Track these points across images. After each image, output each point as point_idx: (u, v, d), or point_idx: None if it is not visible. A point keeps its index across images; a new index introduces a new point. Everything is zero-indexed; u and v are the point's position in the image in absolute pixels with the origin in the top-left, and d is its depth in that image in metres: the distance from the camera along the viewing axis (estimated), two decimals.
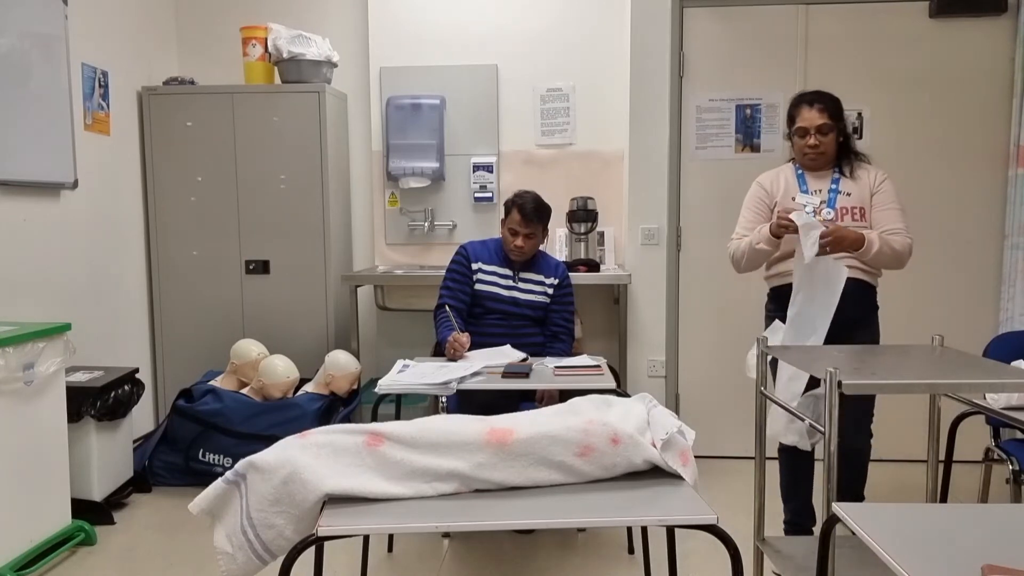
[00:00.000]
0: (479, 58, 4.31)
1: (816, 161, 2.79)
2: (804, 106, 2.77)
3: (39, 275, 3.35)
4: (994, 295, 3.95)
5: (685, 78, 4.02)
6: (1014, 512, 1.44)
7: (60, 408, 2.96)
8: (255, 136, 4.07)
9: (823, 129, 2.74)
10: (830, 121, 2.75)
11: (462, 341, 2.96)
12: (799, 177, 2.83)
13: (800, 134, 2.77)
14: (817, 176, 2.82)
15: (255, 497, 1.70)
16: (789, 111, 2.83)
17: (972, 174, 3.94)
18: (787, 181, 2.84)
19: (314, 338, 4.13)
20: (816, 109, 2.74)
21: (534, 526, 1.67)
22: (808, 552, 2.38)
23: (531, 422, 1.83)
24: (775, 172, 2.92)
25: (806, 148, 2.77)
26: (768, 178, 2.90)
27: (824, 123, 2.74)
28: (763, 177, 2.92)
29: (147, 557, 2.99)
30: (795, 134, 2.79)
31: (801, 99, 2.80)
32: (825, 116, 2.74)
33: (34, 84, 3.23)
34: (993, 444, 2.85)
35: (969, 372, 2.09)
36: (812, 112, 2.75)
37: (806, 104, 2.77)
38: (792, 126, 2.81)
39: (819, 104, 2.75)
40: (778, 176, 2.88)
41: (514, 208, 3.21)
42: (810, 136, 2.75)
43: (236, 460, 1.85)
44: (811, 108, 2.75)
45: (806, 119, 2.75)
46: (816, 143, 2.75)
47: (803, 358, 2.26)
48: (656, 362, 4.08)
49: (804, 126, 2.76)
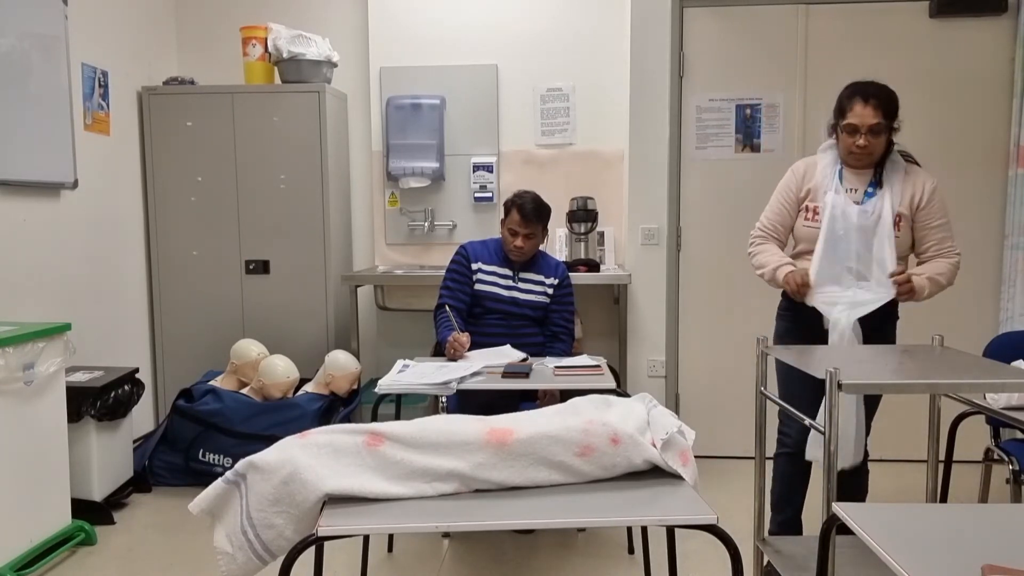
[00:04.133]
0: (479, 58, 4.31)
1: (861, 161, 2.60)
2: (859, 101, 2.52)
3: (39, 275, 3.35)
4: (994, 295, 3.95)
5: (685, 78, 4.02)
6: (1014, 512, 1.44)
7: (60, 408, 2.96)
8: (255, 136, 4.07)
9: (876, 129, 2.52)
10: (884, 121, 2.53)
11: (462, 341, 2.96)
12: (838, 172, 2.63)
13: (849, 131, 2.55)
14: (857, 173, 2.63)
15: (255, 497, 1.70)
16: (840, 102, 2.58)
17: (972, 174, 3.94)
18: (823, 172, 2.66)
19: (314, 338, 4.13)
20: (871, 106, 2.50)
21: (534, 526, 1.67)
22: (808, 552, 2.38)
23: (531, 422, 1.83)
24: (813, 159, 2.73)
25: (854, 147, 2.55)
26: (803, 164, 2.73)
27: (878, 123, 2.52)
28: (799, 163, 2.75)
29: (147, 557, 2.99)
30: (844, 130, 2.57)
31: (856, 91, 2.55)
32: (880, 115, 2.51)
33: (34, 84, 3.23)
34: (993, 444, 2.85)
35: (969, 372, 2.09)
36: (867, 109, 2.51)
37: (861, 99, 2.52)
38: (841, 119, 2.57)
39: (875, 100, 2.51)
40: (815, 164, 2.70)
41: (513, 208, 3.21)
42: (860, 135, 2.53)
43: (236, 460, 1.85)
44: (866, 105, 2.51)
45: (859, 116, 2.52)
46: (865, 144, 2.54)
47: (803, 358, 2.26)
48: (656, 362, 4.09)
49: (855, 123, 2.53)
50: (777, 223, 2.76)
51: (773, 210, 2.77)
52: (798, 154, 3.95)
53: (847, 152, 2.61)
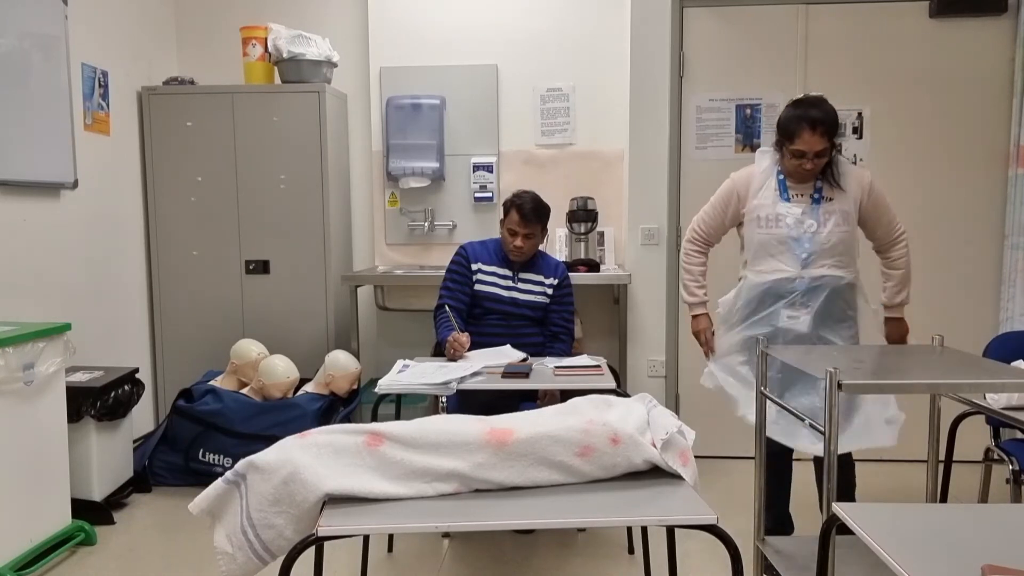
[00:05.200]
0: (479, 58, 4.31)
1: (806, 179, 2.69)
2: (806, 129, 2.57)
3: (39, 275, 3.35)
4: (994, 295, 3.95)
5: (685, 78, 4.02)
6: (1014, 512, 1.44)
7: (60, 408, 2.96)
8: (255, 136, 4.07)
9: (821, 153, 2.60)
10: (829, 144, 2.61)
11: (462, 341, 2.96)
12: (781, 183, 2.71)
13: (796, 155, 2.61)
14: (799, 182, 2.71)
15: (255, 497, 1.70)
16: (786, 124, 2.63)
17: (972, 174, 3.94)
18: (765, 185, 2.73)
19: (314, 338, 4.13)
20: (819, 133, 2.57)
21: (534, 526, 1.67)
22: (808, 552, 2.38)
23: (531, 422, 1.83)
24: (748, 171, 2.79)
25: (800, 169, 2.64)
26: (743, 179, 2.78)
27: (824, 147, 2.60)
28: (738, 177, 2.80)
29: (147, 557, 2.99)
30: (791, 154, 2.63)
31: (803, 119, 2.59)
32: (826, 140, 2.59)
33: (34, 84, 3.23)
34: (993, 444, 2.85)
35: (969, 372, 2.09)
36: (814, 137, 2.57)
37: (808, 127, 2.57)
38: (788, 141, 2.63)
39: (822, 128, 2.57)
40: (753, 178, 2.76)
41: (513, 208, 3.21)
42: (807, 160, 2.61)
43: (236, 460, 1.85)
44: (813, 133, 2.57)
45: (807, 143, 2.58)
46: (812, 167, 2.62)
47: (803, 358, 2.26)
48: (656, 362, 4.08)
49: (803, 149, 2.59)
50: (713, 231, 2.88)
51: (712, 218, 2.86)
52: None
53: (793, 171, 2.68)
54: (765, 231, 2.71)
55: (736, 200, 2.79)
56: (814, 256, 2.65)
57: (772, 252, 2.70)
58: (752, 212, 2.74)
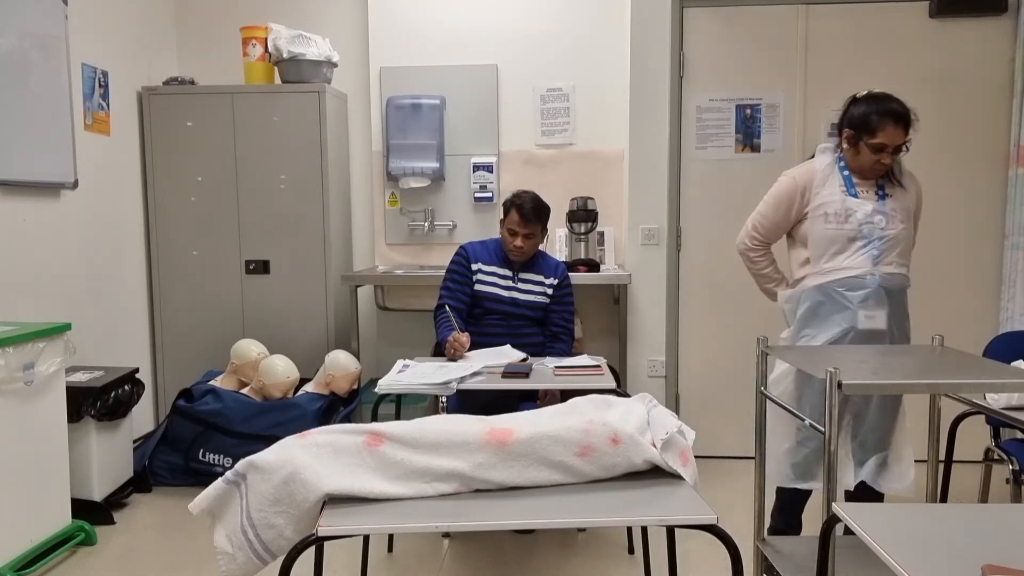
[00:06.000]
0: (479, 58, 4.31)
1: (877, 174, 2.62)
2: (891, 122, 2.53)
3: (39, 275, 3.35)
4: (994, 295, 3.95)
5: (685, 78, 4.02)
6: (1014, 512, 1.44)
7: (60, 408, 2.96)
8: (255, 136, 4.07)
9: (899, 147, 2.56)
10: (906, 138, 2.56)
11: (462, 341, 2.96)
12: (847, 179, 2.63)
13: (876, 149, 2.55)
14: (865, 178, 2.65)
15: (255, 497, 1.70)
16: (866, 118, 2.56)
17: (972, 174, 3.94)
18: (829, 178, 2.65)
19: (314, 338, 4.13)
20: (900, 127, 2.53)
21: (534, 526, 1.67)
22: (808, 552, 2.38)
23: (531, 422, 1.83)
24: (809, 167, 2.71)
25: (877, 164, 2.58)
26: (805, 174, 2.69)
27: (903, 142, 2.55)
28: (799, 174, 2.71)
29: (147, 557, 2.99)
30: (870, 147, 2.56)
31: (886, 113, 2.54)
32: (905, 133, 2.55)
33: (34, 84, 3.23)
34: (993, 444, 2.85)
35: (969, 372, 2.09)
36: (896, 131, 2.53)
37: (892, 121, 2.53)
38: (868, 135, 2.55)
39: (903, 122, 2.53)
40: (815, 172, 2.68)
41: (513, 208, 3.21)
42: (885, 154, 2.56)
43: (236, 460, 1.85)
44: (897, 126, 2.53)
45: (889, 137, 2.53)
46: (889, 161, 2.58)
47: (803, 358, 2.26)
48: (656, 362, 4.08)
49: (885, 143, 2.54)
50: (773, 231, 2.78)
51: (768, 217, 2.77)
52: (798, 154, 3.95)
53: (866, 167, 2.61)
54: (834, 227, 2.61)
55: (800, 197, 2.68)
56: (884, 253, 2.58)
57: (842, 249, 2.60)
58: (818, 208, 2.64)
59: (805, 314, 2.67)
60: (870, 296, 2.57)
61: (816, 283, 2.64)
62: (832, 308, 2.61)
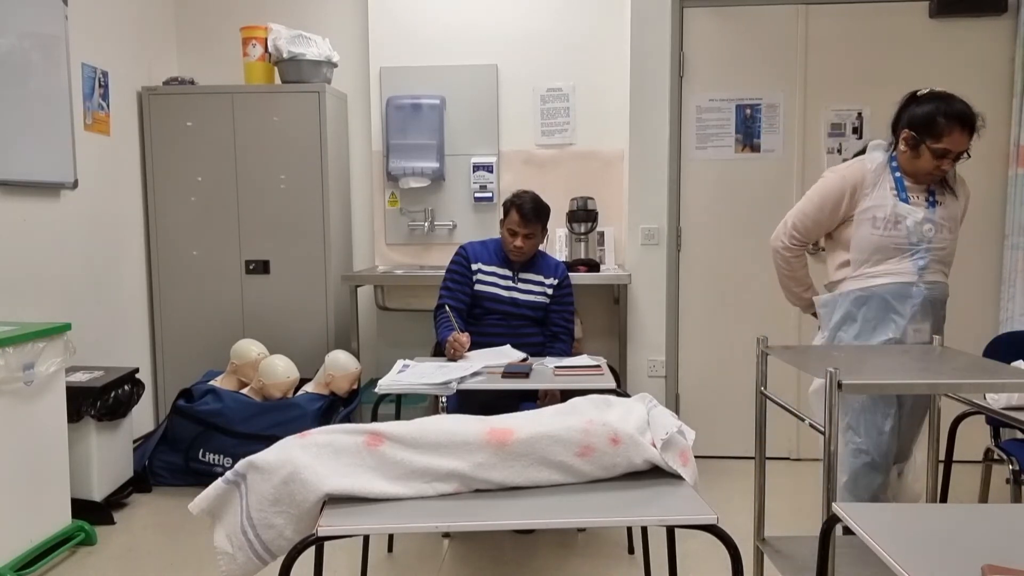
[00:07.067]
0: (479, 58, 4.31)
1: (934, 180, 2.53)
2: (958, 128, 2.43)
3: (39, 275, 3.35)
4: (994, 295, 3.95)
5: (685, 78, 4.02)
6: (1014, 512, 1.44)
7: (60, 408, 2.96)
8: (255, 136, 4.07)
9: (962, 153, 2.47)
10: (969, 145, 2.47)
11: (462, 341, 2.96)
12: (898, 182, 2.53)
13: (939, 154, 2.45)
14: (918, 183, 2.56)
15: (255, 497, 1.70)
16: (931, 120, 2.45)
17: (972, 174, 3.91)
18: (880, 183, 2.55)
19: (314, 338, 4.13)
20: (967, 132, 2.43)
21: (534, 526, 1.66)
22: (808, 552, 2.38)
23: (531, 422, 1.83)
24: (860, 166, 2.59)
25: (937, 169, 2.48)
26: (856, 175, 2.57)
27: (967, 148, 2.46)
28: (850, 173, 2.58)
29: (147, 557, 2.99)
30: (933, 152, 2.46)
31: (954, 116, 2.43)
32: (970, 140, 2.46)
33: (34, 84, 3.23)
34: (993, 444, 2.85)
35: (969, 372, 2.09)
36: (963, 136, 2.43)
37: (959, 125, 2.43)
38: (931, 139, 2.45)
39: (971, 127, 2.43)
40: (867, 172, 2.57)
41: (513, 208, 3.21)
42: (948, 160, 2.46)
43: (236, 460, 1.85)
44: (964, 131, 2.43)
45: (955, 142, 2.43)
46: (949, 168, 2.49)
47: (803, 358, 2.26)
48: (656, 362, 4.08)
49: (949, 148, 2.44)
50: (816, 231, 2.67)
51: (816, 217, 2.63)
52: (798, 154, 3.96)
53: (923, 171, 2.51)
54: (883, 233, 2.52)
55: (848, 198, 2.56)
56: (931, 262, 2.52)
57: (888, 255, 2.52)
58: (867, 211, 2.53)
59: (843, 318, 2.60)
60: (917, 310, 2.53)
61: (857, 287, 2.57)
62: (876, 315, 2.54)
